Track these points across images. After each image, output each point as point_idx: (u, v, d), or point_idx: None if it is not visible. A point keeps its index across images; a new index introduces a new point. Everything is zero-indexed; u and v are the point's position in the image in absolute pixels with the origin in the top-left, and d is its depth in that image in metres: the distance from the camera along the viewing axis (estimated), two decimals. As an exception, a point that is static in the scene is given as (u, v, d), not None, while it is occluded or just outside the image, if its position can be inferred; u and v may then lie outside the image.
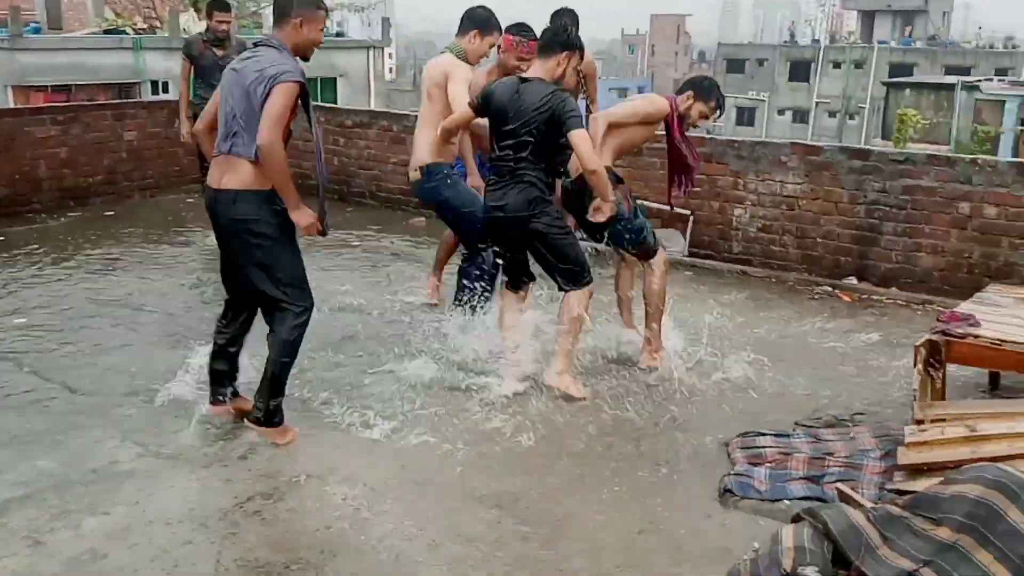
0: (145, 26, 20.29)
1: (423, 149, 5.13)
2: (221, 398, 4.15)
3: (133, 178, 9.24)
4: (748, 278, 6.83)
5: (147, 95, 16.98)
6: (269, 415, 3.91)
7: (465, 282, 5.25)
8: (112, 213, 8.54)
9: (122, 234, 7.70)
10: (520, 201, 4.37)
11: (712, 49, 62.81)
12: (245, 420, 3.97)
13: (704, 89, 4.90)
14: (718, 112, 4.98)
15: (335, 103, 17.79)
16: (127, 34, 18.18)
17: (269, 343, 3.88)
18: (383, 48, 25.07)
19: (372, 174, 9.14)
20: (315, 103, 11.03)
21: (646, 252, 4.85)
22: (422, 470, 3.79)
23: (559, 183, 4.67)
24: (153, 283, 6.34)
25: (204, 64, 7.14)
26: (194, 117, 7.09)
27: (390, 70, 48.40)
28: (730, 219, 7.10)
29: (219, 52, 7.10)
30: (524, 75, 4.48)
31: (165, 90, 17.12)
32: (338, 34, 29.19)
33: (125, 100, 13.09)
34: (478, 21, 5.07)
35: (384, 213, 8.82)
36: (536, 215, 4.38)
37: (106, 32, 18.46)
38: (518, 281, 4.72)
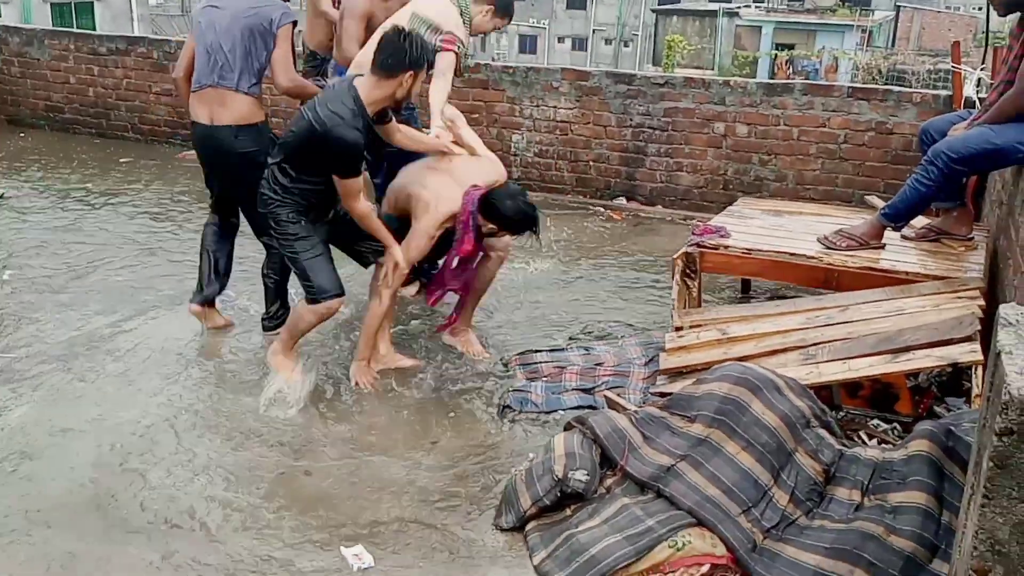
0: None
1: None
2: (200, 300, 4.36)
3: None
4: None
5: None
6: (276, 317, 4.33)
7: None
8: None
9: None
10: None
11: (492, -25, 62.65)
12: (264, 332, 4.33)
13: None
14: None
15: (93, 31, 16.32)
16: None
17: (266, 261, 4.31)
18: (142, -31, 23.22)
19: (133, 105, 8.50)
20: (65, 29, 10.11)
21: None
22: (192, 407, 3.69)
23: None
24: None
25: None
26: None
27: (154, -6, 44.84)
28: (508, 145, 7.21)
29: None
30: (354, 75, 3.69)
31: None
32: (89, -47, 26.59)
33: None
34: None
35: (150, 148, 8.28)
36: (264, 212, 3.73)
37: None
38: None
